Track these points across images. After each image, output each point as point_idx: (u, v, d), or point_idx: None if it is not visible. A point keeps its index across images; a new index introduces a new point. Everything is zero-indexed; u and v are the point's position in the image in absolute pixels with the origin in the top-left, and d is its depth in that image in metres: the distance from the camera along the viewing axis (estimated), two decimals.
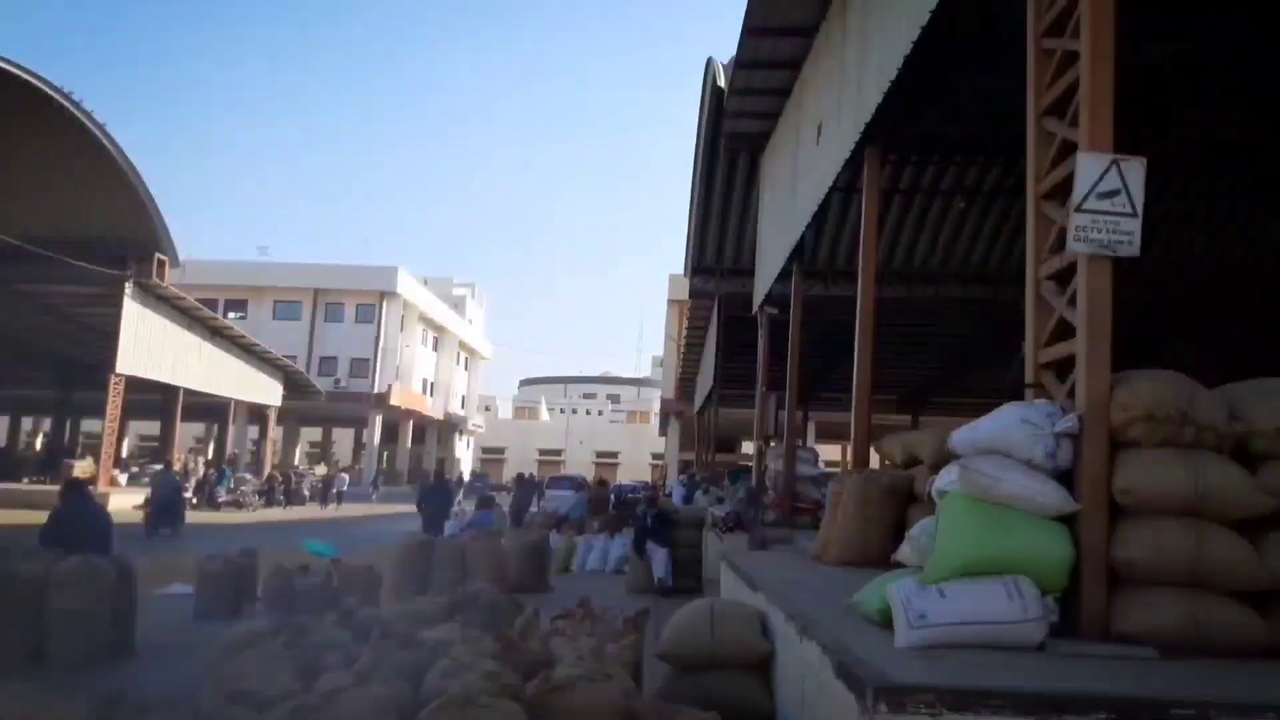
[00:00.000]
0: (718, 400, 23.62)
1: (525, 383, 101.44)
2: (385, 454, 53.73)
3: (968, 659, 3.32)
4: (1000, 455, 3.96)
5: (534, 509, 19.44)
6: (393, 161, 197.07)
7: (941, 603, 3.62)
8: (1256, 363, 5.89)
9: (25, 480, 28.02)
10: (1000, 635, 3.49)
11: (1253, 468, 3.75)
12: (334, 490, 34.71)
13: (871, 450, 8.62)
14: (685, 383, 34.72)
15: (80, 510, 8.65)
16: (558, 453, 74.19)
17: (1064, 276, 4.16)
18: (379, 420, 50.61)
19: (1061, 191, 4.21)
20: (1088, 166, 3.91)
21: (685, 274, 20.08)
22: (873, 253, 8.73)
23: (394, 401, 50.05)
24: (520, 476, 19.64)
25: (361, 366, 50.51)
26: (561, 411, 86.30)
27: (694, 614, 4.96)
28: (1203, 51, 8.86)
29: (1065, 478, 3.84)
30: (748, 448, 45.98)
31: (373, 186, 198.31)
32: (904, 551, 4.37)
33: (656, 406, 60.18)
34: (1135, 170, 3.92)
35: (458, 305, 65.63)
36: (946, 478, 4.37)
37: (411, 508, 17.37)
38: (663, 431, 47.83)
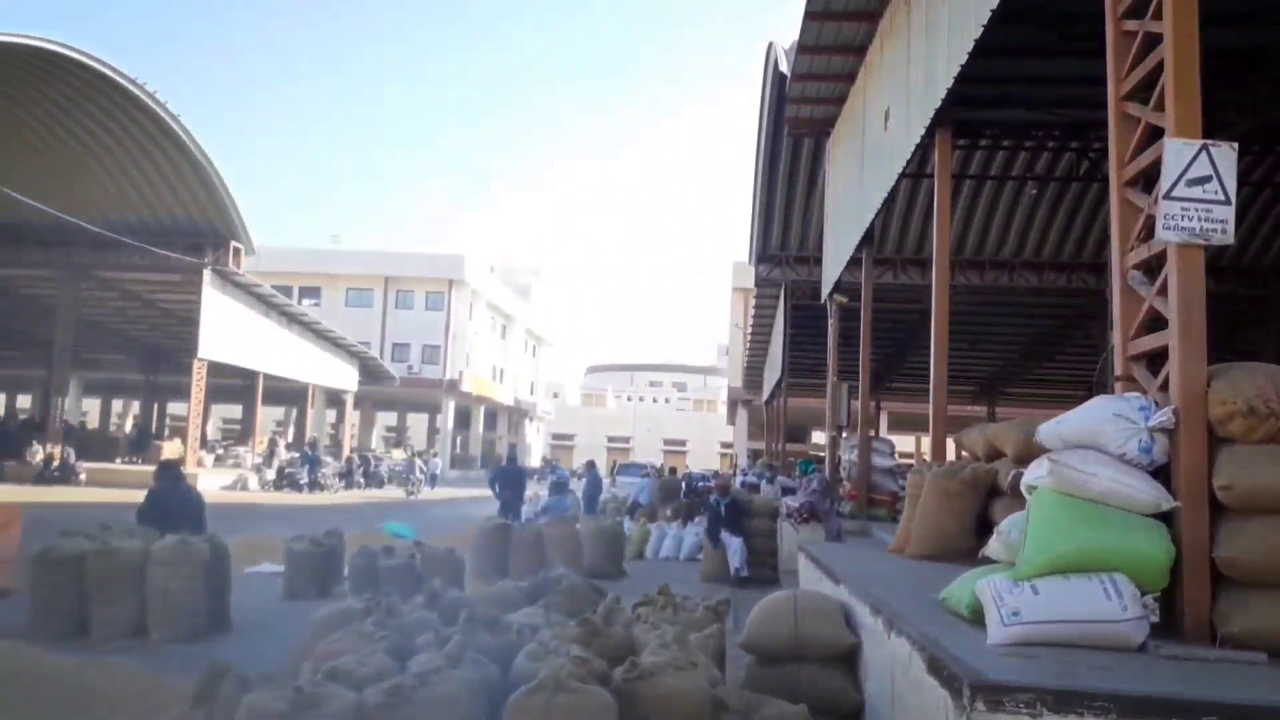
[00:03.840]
0: (785, 389, 23.50)
1: (592, 370, 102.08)
2: (458, 439, 54.62)
3: (1066, 658, 3.27)
4: (1091, 449, 3.88)
5: (604, 495, 19.59)
6: (459, 148, 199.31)
7: (1035, 600, 3.58)
8: None
9: (118, 460, 29.15)
10: (1098, 635, 3.44)
11: None
12: (429, 474, 34.99)
13: (948, 442, 8.53)
14: (752, 371, 34.60)
15: (174, 490, 9.00)
16: (626, 440, 74.56)
17: (1152, 266, 4.05)
18: (452, 406, 51.47)
19: (1146, 178, 4.10)
20: (1176, 153, 3.79)
21: (750, 262, 20.01)
22: (946, 239, 8.61)
23: (465, 388, 50.84)
24: (591, 464, 19.81)
25: (433, 353, 51.35)
26: (628, 399, 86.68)
27: (777, 605, 4.97)
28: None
29: (1159, 474, 3.76)
30: (818, 438, 45.66)
31: (441, 173, 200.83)
32: (993, 546, 4.31)
33: (723, 395, 60.07)
34: (1226, 156, 3.80)
35: (524, 292, 66.25)
36: (1036, 472, 4.30)
37: (483, 492, 17.66)
38: (731, 420, 47.73)
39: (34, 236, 26.66)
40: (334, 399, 42.36)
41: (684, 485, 19.74)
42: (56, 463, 24.93)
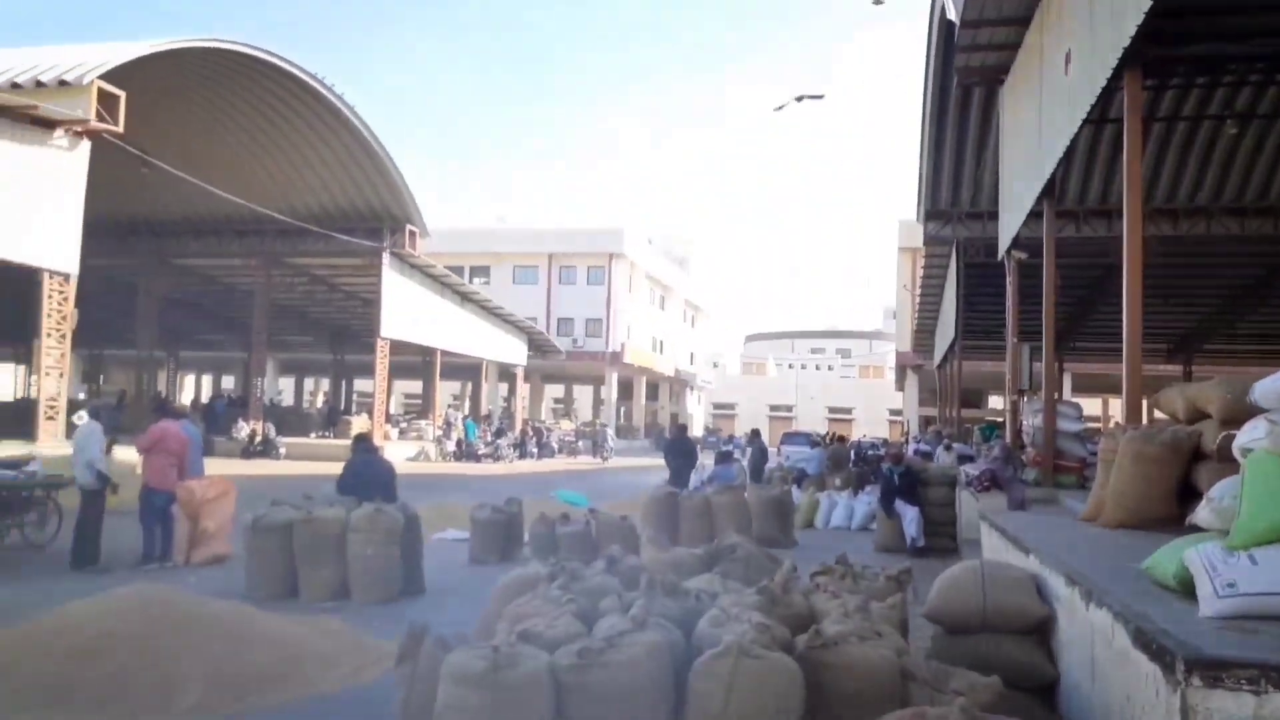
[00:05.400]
0: (960, 352, 22.62)
1: (751, 338, 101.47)
2: (621, 410, 55.66)
3: None
4: None
5: (771, 464, 19.51)
6: (614, 121, 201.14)
7: (1253, 570, 3.32)
8: None
9: (312, 435, 31.34)
10: None
11: None
12: (605, 444, 35.99)
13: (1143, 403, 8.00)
14: (922, 335, 33.46)
15: (368, 462, 9.61)
16: (788, 409, 73.86)
17: None
18: (615, 377, 52.48)
19: None
20: None
21: (918, 219, 19.28)
22: (1138, 187, 8.00)
23: (627, 359, 51.68)
24: (756, 432, 19.73)
25: (595, 326, 52.40)
26: (790, 367, 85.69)
27: (963, 575, 4.83)
28: None
29: None
30: (995, 402, 43.78)
31: (598, 147, 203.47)
32: (1202, 514, 4.03)
33: (891, 360, 58.44)
34: None
35: (682, 263, 66.45)
36: (1251, 433, 3.98)
37: (647, 461, 17.93)
38: (899, 386, 46.37)
39: (232, 229, 28.94)
40: (505, 373, 43.98)
41: (853, 454, 19.39)
42: (259, 438, 27.05)
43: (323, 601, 7.73)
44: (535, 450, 34.60)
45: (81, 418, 10.24)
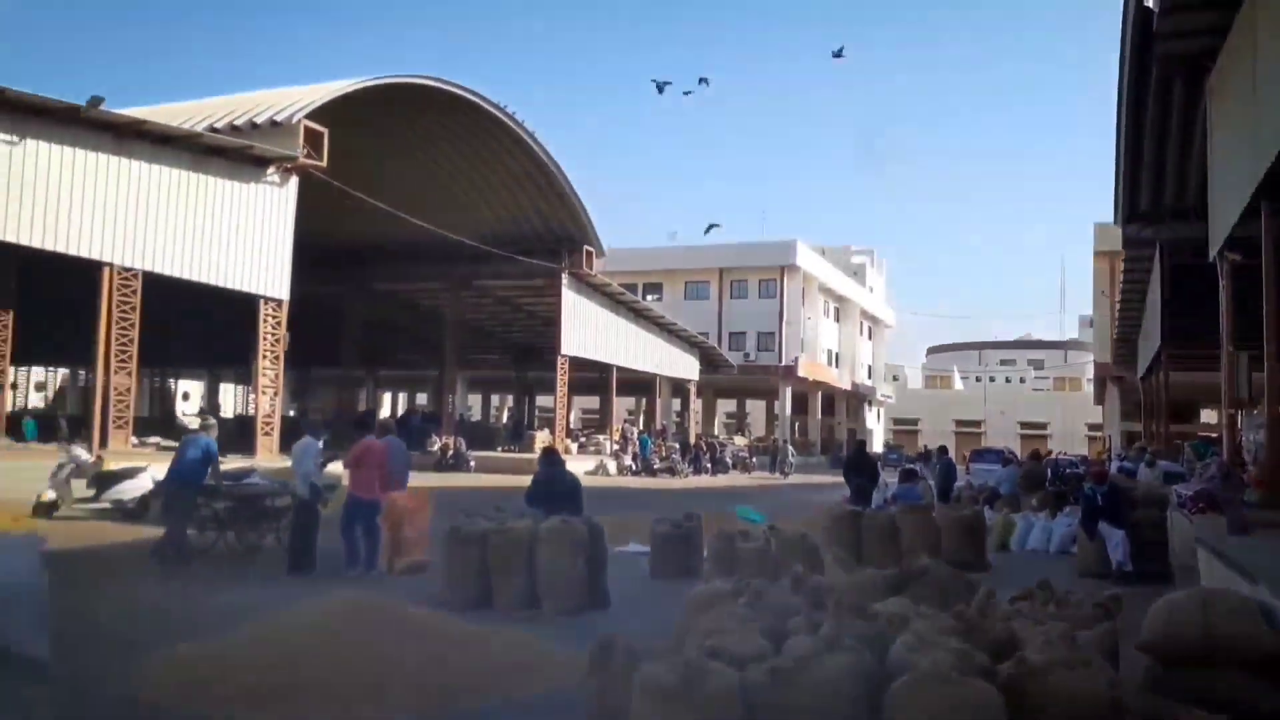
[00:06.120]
0: (1166, 362, 21.00)
1: (934, 350, 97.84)
2: (795, 424, 54.99)
3: None
4: None
5: (959, 483, 18.73)
6: (784, 132, 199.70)
7: None
8: None
9: (499, 449, 32.68)
10: None
11: None
12: (786, 460, 35.64)
13: None
14: (1123, 344, 31.32)
15: (555, 475, 9.92)
16: (976, 424, 70.73)
17: None
18: (788, 392, 51.93)
19: None
20: None
21: (1116, 221, 18.09)
22: None
23: (801, 373, 51.03)
24: (943, 449, 18.96)
25: (768, 340, 52.09)
26: (977, 379, 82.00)
27: (1182, 603, 4.48)
28: None
29: None
30: (1208, 416, 40.37)
31: (767, 160, 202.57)
32: None
33: (1089, 371, 54.98)
34: None
35: (857, 273, 65.01)
36: None
37: (824, 478, 17.57)
38: (1099, 399, 43.54)
39: (425, 255, 30.70)
40: (678, 388, 44.41)
41: (1049, 472, 18.33)
42: (451, 452, 28.43)
43: (514, 610, 8.01)
44: (709, 465, 34.70)
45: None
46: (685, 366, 39.99)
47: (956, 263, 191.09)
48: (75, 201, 17.13)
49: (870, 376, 67.05)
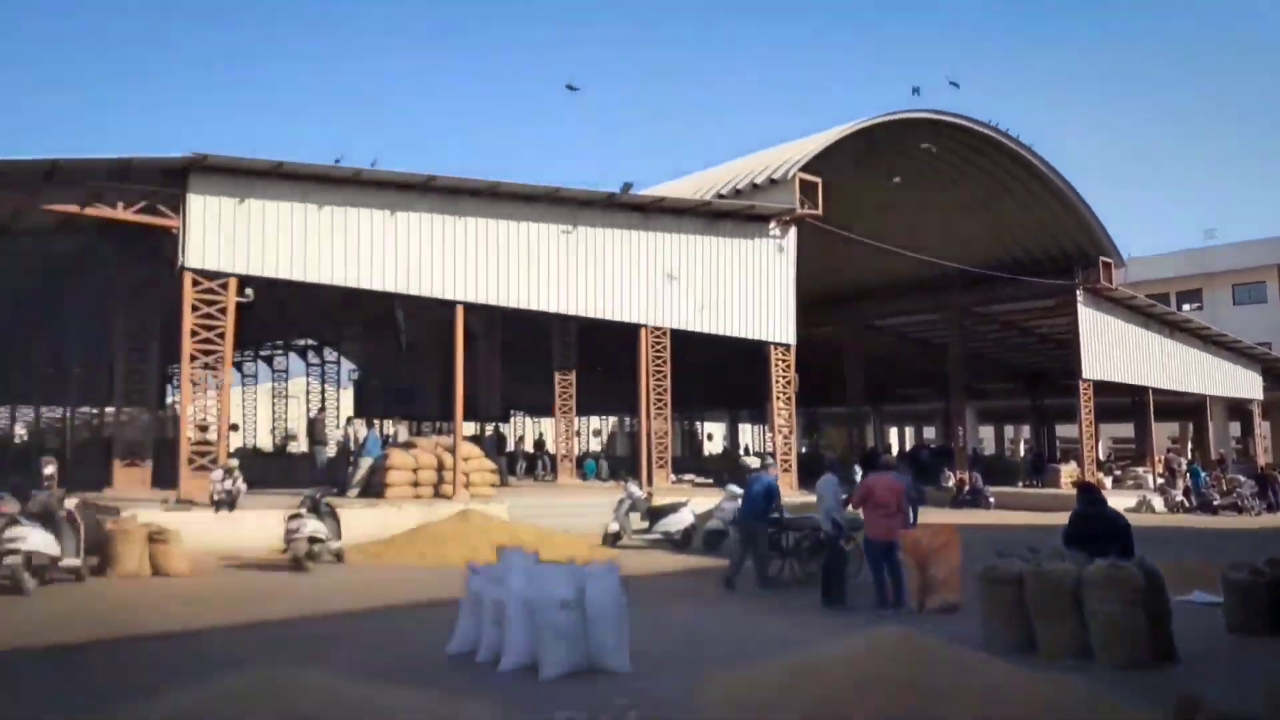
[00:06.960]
0: None
1: None
2: None
3: None
4: None
5: None
6: None
7: None
8: None
9: (1019, 484, 30.81)
10: None
11: None
12: None
13: None
14: None
15: (1095, 513, 9.04)
16: None
17: None
18: None
19: None
20: None
21: None
22: None
23: None
24: None
25: None
26: None
27: None
28: None
29: None
30: None
31: None
32: None
33: None
34: None
35: None
36: None
37: None
38: None
39: (920, 286, 30.29)
40: (1235, 409, 38.12)
41: None
42: (967, 487, 27.40)
43: (1062, 659, 7.41)
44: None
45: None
46: (1242, 383, 34.22)
47: None
48: (613, 274, 19.78)
49: None
